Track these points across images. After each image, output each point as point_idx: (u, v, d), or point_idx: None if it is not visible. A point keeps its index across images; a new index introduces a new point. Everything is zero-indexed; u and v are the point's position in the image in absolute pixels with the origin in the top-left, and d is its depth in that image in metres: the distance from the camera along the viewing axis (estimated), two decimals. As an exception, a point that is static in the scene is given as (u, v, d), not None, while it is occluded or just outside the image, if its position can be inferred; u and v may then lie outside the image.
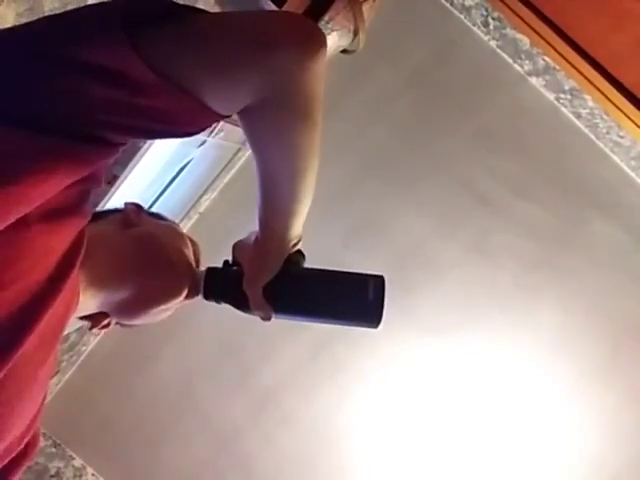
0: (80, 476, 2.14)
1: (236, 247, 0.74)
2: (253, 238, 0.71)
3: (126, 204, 0.77)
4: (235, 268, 0.73)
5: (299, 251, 0.72)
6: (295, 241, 0.70)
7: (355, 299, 0.70)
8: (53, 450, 2.11)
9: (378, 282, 0.69)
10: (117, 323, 0.77)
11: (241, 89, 0.55)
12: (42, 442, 2.06)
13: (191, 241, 0.79)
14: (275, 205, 0.66)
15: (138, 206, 0.77)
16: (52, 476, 2.11)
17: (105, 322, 0.74)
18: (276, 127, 0.58)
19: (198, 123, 0.57)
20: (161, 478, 2.16)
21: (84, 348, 2.09)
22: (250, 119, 0.59)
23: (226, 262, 0.75)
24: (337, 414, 2.11)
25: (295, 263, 0.71)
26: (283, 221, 0.66)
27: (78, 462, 2.13)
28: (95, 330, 0.75)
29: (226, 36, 0.53)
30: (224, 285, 0.73)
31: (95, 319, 0.73)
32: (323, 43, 0.54)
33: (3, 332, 0.52)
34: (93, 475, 2.14)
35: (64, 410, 2.11)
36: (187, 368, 2.13)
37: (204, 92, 0.53)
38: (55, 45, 0.51)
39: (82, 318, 0.73)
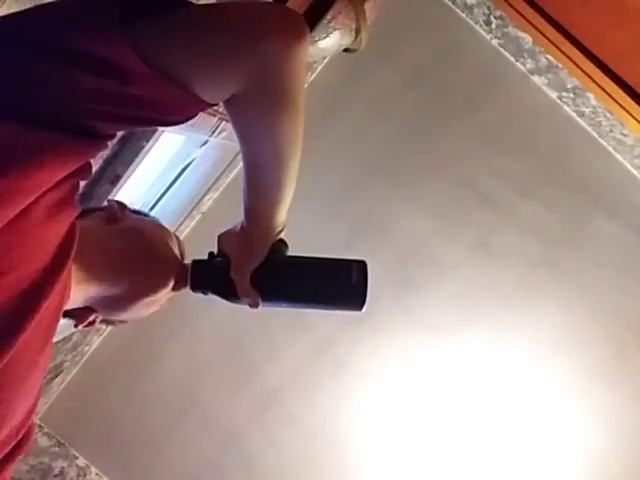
0: (84, 475, 2.14)
1: (221, 238, 0.76)
2: (239, 228, 0.73)
3: (109, 201, 0.78)
4: (219, 259, 0.75)
5: (281, 240, 0.74)
6: (280, 229, 0.72)
7: (339, 283, 0.73)
8: (57, 449, 2.11)
9: (361, 266, 0.72)
10: (102, 320, 0.77)
11: (229, 78, 0.57)
12: (46, 441, 2.08)
13: (175, 236, 0.81)
14: (261, 192, 0.68)
15: (121, 203, 0.79)
16: (56, 475, 2.12)
17: (91, 318, 0.74)
18: (262, 114, 0.61)
19: (186, 112, 0.59)
20: (164, 477, 2.16)
21: (87, 348, 2.10)
22: (237, 107, 0.61)
23: (211, 253, 0.77)
24: (339, 414, 2.11)
25: (279, 251, 0.73)
26: (268, 208, 0.68)
27: (82, 461, 2.13)
28: (80, 327, 0.75)
29: (214, 27, 0.56)
30: (211, 276, 0.75)
31: (81, 315, 0.73)
32: (306, 33, 0.57)
33: (4, 317, 0.53)
34: (97, 474, 2.14)
35: (68, 410, 2.12)
36: (190, 368, 2.13)
37: (193, 81, 0.55)
38: (49, 34, 0.52)
39: (67, 315, 0.73)
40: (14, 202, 0.50)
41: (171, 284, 0.75)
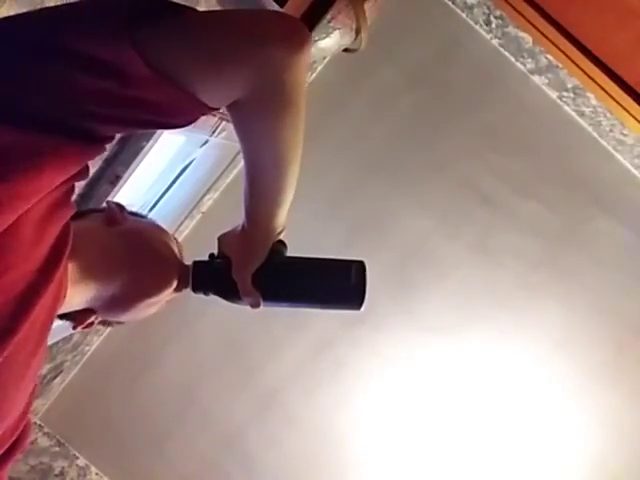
0: (84, 475, 2.14)
1: (221, 239, 0.76)
2: (239, 229, 0.73)
3: (108, 203, 0.79)
4: (219, 260, 0.76)
5: (281, 240, 0.74)
6: (280, 229, 0.72)
7: (338, 283, 0.74)
8: (57, 449, 2.11)
9: (359, 266, 0.73)
10: (101, 322, 0.78)
11: (232, 83, 0.57)
12: (46, 441, 2.08)
13: (174, 237, 0.82)
14: (261, 194, 0.69)
15: (120, 205, 0.79)
16: (56, 475, 2.12)
17: (90, 320, 0.75)
18: (264, 119, 0.61)
19: (188, 115, 0.59)
20: (164, 477, 2.16)
21: (87, 348, 2.10)
22: (239, 112, 0.61)
23: (212, 255, 0.78)
24: (339, 414, 2.11)
25: (279, 252, 0.74)
26: (269, 210, 0.69)
27: (82, 461, 2.14)
28: (79, 329, 0.75)
29: (218, 32, 0.56)
30: (212, 276, 0.76)
31: (80, 317, 0.74)
32: (308, 39, 0.58)
33: (0, 319, 0.53)
34: (97, 474, 2.14)
35: (68, 410, 2.12)
36: (190, 368, 2.13)
37: (196, 85, 0.56)
38: (50, 35, 0.52)
39: (66, 317, 0.73)
40: (14, 207, 0.50)
41: (174, 284, 0.75)
